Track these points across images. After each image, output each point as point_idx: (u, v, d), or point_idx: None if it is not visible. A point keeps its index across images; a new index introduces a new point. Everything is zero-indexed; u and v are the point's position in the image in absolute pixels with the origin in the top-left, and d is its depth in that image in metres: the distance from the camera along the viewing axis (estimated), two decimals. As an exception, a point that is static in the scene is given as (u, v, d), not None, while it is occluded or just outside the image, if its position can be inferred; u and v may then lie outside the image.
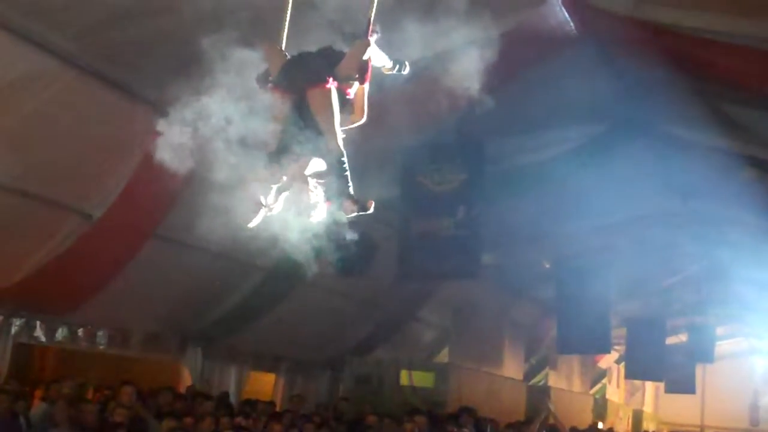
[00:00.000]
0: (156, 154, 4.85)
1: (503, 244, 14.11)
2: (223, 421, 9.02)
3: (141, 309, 10.72)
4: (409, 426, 10.30)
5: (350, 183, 4.34)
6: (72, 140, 8.05)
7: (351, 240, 5.04)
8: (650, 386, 28.09)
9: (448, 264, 11.22)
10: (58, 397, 8.71)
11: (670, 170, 12.43)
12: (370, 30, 4.63)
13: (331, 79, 4.41)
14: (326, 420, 10.87)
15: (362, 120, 4.78)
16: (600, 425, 19.01)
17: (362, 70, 4.59)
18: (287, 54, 4.70)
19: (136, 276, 9.65)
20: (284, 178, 4.36)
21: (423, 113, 9.16)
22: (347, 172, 4.33)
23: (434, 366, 15.16)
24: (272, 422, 9.59)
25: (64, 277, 9.07)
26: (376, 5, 4.68)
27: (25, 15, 6.79)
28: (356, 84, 4.58)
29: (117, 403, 8.60)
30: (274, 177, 4.35)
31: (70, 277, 9.16)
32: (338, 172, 4.32)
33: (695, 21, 7.84)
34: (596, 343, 17.72)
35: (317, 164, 4.36)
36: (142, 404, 9.13)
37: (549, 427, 12.10)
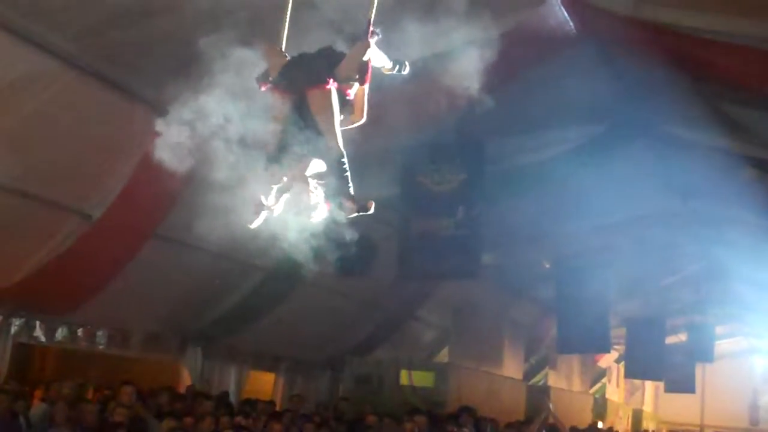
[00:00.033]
0: (156, 154, 4.86)
1: (503, 244, 14.10)
2: (223, 421, 9.02)
3: (141, 309, 10.71)
4: (409, 426, 10.29)
5: (350, 183, 4.34)
6: (72, 140, 8.04)
7: (351, 240, 5.04)
8: (650, 386, 28.09)
9: (448, 264, 11.22)
10: (58, 397, 8.72)
11: (670, 170, 12.43)
12: (370, 31, 4.63)
13: (331, 80, 4.41)
14: (326, 420, 10.87)
15: (362, 120, 4.78)
16: (600, 425, 19.02)
17: (362, 71, 4.59)
18: (287, 54, 4.71)
19: (136, 276, 9.65)
20: (284, 179, 4.36)
21: (423, 113, 9.15)
22: (347, 173, 4.33)
23: (434, 366, 15.16)
24: (272, 422, 9.59)
25: (64, 277, 9.07)
26: (376, 6, 4.68)
27: (25, 15, 6.78)
28: (356, 85, 4.58)
29: (117, 403, 8.61)
30: (275, 177, 4.35)
31: (70, 277, 9.16)
32: (338, 173, 4.32)
33: (695, 21, 7.83)
34: (596, 343, 17.72)
35: (317, 165, 4.36)
36: (142, 404, 9.14)
37: (549, 427, 12.10)
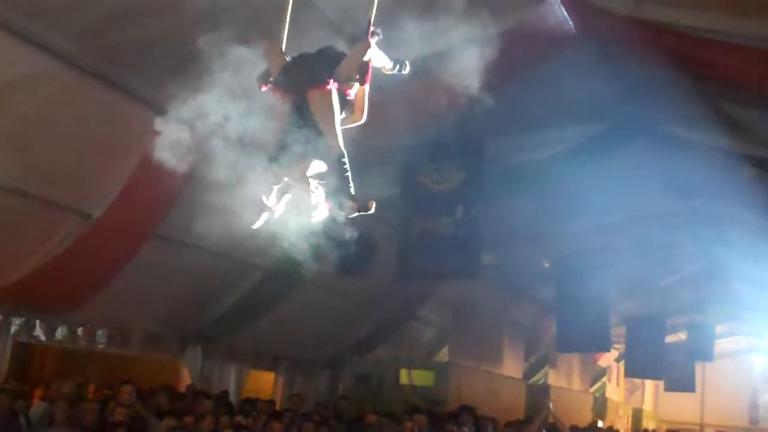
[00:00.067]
0: (155, 154, 4.86)
1: (503, 244, 14.10)
2: (223, 420, 9.02)
3: (141, 308, 10.71)
4: (409, 425, 10.29)
5: (351, 183, 4.34)
6: (71, 140, 8.04)
7: (350, 239, 5.04)
8: (650, 384, 28.10)
9: (448, 263, 11.22)
10: (58, 397, 8.72)
11: (670, 169, 12.42)
12: (371, 31, 4.62)
13: (332, 80, 4.41)
14: (326, 419, 10.87)
15: (362, 120, 4.78)
16: (600, 424, 19.00)
17: (362, 71, 4.58)
18: (287, 54, 4.70)
19: (136, 275, 9.65)
20: (285, 179, 4.35)
21: (422, 112, 9.15)
22: (348, 173, 4.33)
23: (434, 365, 15.16)
24: (272, 421, 9.59)
25: (64, 277, 9.07)
26: (376, 6, 4.67)
27: (25, 15, 6.78)
28: (357, 85, 4.58)
29: (117, 402, 8.61)
30: (275, 178, 4.35)
31: (70, 277, 9.16)
32: (339, 173, 4.32)
33: (695, 20, 7.83)
34: (596, 342, 17.73)
35: (318, 165, 4.36)
36: (142, 403, 9.14)
37: (549, 426, 12.07)
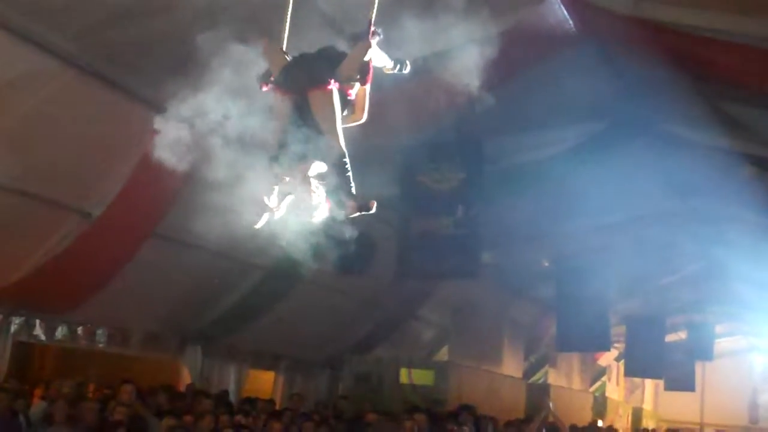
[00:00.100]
0: (155, 154, 4.85)
1: (503, 243, 14.10)
2: (223, 419, 9.02)
3: (140, 308, 10.71)
4: (409, 424, 10.28)
5: (352, 183, 4.34)
6: (71, 139, 8.04)
7: (350, 238, 5.03)
8: (650, 384, 28.11)
9: (448, 263, 11.22)
10: (58, 396, 8.72)
11: (670, 169, 12.42)
12: (371, 31, 4.62)
13: (333, 81, 4.40)
14: (326, 418, 10.87)
15: (363, 119, 4.77)
16: (599, 423, 19.00)
17: (363, 71, 4.57)
18: (288, 55, 4.69)
19: (136, 275, 9.65)
20: (286, 179, 4.35)
21: (422, 112, 9.15)
22: (349, 173, 4.32)
23: (434, 364, 15.15)
24: (272, 420, 9.60)
25: (64, 276, 9.07)
26: (377, 6, 4.66)
27: (25, 15, 6.77)
28: (357, 85, 4.57)
29: (117, 402, 8.60)
30: (276, 178, 4.35)
31: (70, 276, 9.16)
32: (340, 173, 4.31)
33: (695, 19, 7.83)
34: (596, 341, 17.75)
35: (319, 166, 4.35)
36: (142, 403, 9.13)
37: (549, 425, 12.07)
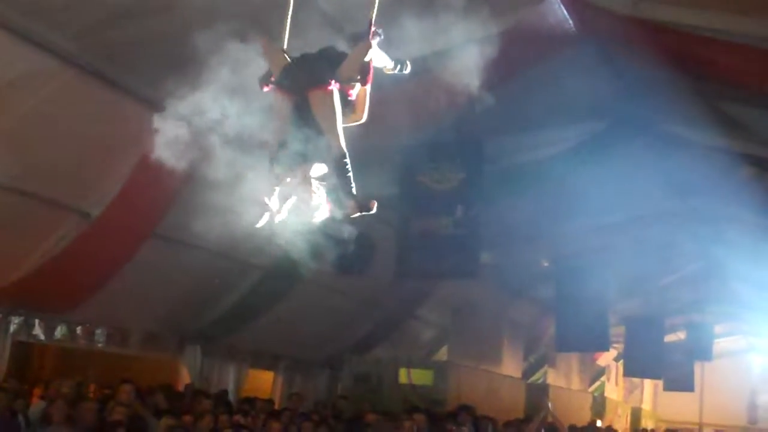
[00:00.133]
0: (155, 153, 4.85)
1: (502, 243, 14.10)
2: (222, 419, 9.02)
3: (140, 307, 10.71)
4: (408, 424, 10.27)
5: (353, 183, 4.33)
6: (71, 139, 8.04)
7: (349, 238, 5.03)
8: (649, 384, 28.12)
9: (447, 263, 11.21)
10: (57, 396, 8.70)
11: (670, 169, 12.42)
12: (372, 32, 4.61)
13: (333, 81, 4.40)
14: (325, 418, 10.86)
15: (363, 119, 4.77)
16: (598, 423, 19.00)
17: (364, 72, 4.57)
18: (289, 55, 4.68)
19: (135, 274, 9.64)
20: (287, 180, 4.35)
21: (422, 111, 9.15)
22: (350, 173, 4.31)
23: (433, 364, 15.14)
24: (271, 420, 9.59)
25: (63, 276, 9.06)
26: (377, 6, 4.65)
27: (25, 14, 6.77)
28: (358, 85, 4.57)
29: (116, 402, 8.59)
30: (277, 179, 4.34)
31: (69, 276, 9.15)
32: (340, 173, 4.30)
33: (695, 19, 7.84)
34: (595, 341, 17.75)
35: (320, 166, 4.35)
36: (141, 402, 9.12)
37: (548, 425, 12.07)
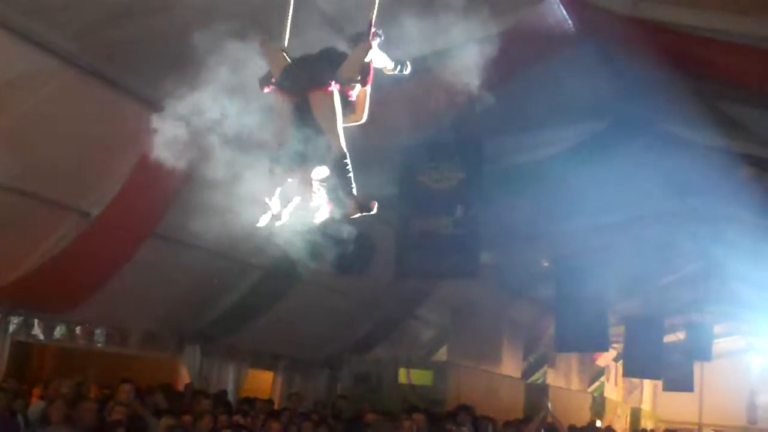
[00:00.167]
0: (154, 153, 4.85)
1: (502, 243, 14.10)
2: (222, 419, 9.02)
3: (139, 307, 10.71)
4: (408, 424, 10.26)
5: (353, 184, 4.33)
6: (71, 139, 8.03)
7: (349, 238, 5.03)
8: (648, 384, 28.13)
9: (447, 263, 11.21)
10: (57, 396, 8.70)
11: (669, 169, 12.43)
12: (372, 33, 4.61)
13: (334, 82, 4.39)
14: (324, 418, 10.86)
15: (363, 120, 4.76)
16: (598, 423, 18.99)
17: (364, 73, 4.57)
18: (289, 56, 4.68)
19: (135, 274, 9.64)
20: (288, 180, 4.35)
21: (422, 111, 9.15)
22: (350, 174, 4.31)
23: (433, 364, 15.14)
24: (270, 420, 9.58)
25: (63, 276, 9.06)
26: (377, 7, 4.65)
27: (24, 14, 6.77)
28: (358, 86, 4.57)
29: (116, 402, 8.59)
30: (278, 179, 4.34)
31: (69, 276, 9.15)
32: (341, 174, 4.30)
33: (694, 19, 7.84)
34: (594, 341, 17.75)
35: (321, 167, 4.35)
36: (141, 402, 9.12)
37: (547, 426, 12.07)
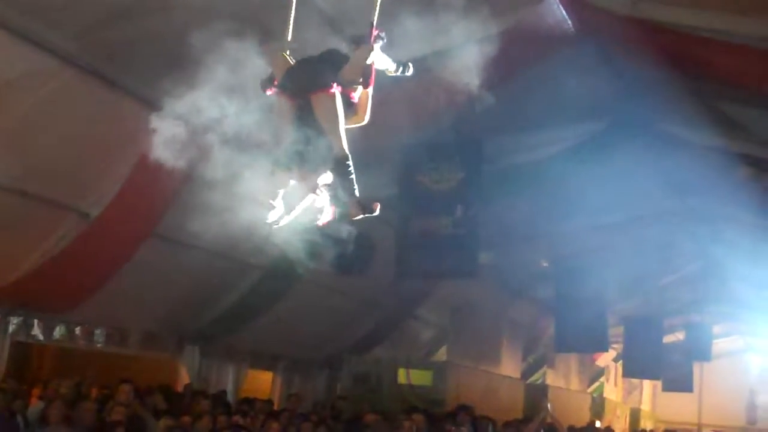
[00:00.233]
0: (154, 154, 4.86)
1: (501, 243, 14.10)
2: (221, 420, 9.02)
3: (139, 307, 10.70)
4: (407, 424, 10.25)
5: (356, 186, 4.32)
6: (70, 139, 8.03)
7: (349, 238, 5.03)
8: (648, 384, 28.14)
9: (447, 263, 11.21)
10: (56, 396, 8.70)
11: (669, 169, 12.44)
12: (374, 35, 4.61)
13: (336, 84, 4.39)
14: (324, 419, 10.86)
15: (364, 122, 4.76)
16: (597, 424, 18.99)
17: (366, 75, 4.57)
18: (291, 58, 4.68)
19: (134, 275, 9.63)
20: (291, 182, 4.35)
21: (421, 111, 9.16)
22: (352, 175, 4.31)
23: (432, 364, 15.15)
24: (270, 421, 9.59)
25: (62, 276, 9.05)
26: (379, 9, 4.65)
27: (24, 14, 6.76)
28: (360, 88, 4.57)
29: (115, 402, 8.59)
30: (281, 181, 4.35)
31: (68, 276, 9.14)
32: (343, 176, 4.30)
33: (693, 19, 7.85)
34: (594, 342, 17.76)
35: (323, 169, 4.34)
36: (140, 403, 9.12)
37: (547, 426, 12.05)
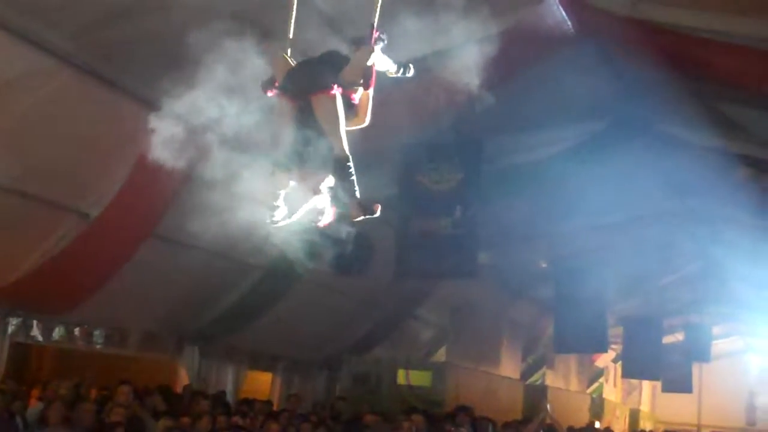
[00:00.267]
0: (153, 154, 4.85)
1: (501, 244, 14.11)
2: (220, 420, 9.02)
3: (138, 308, 10.69)
4: (406, 425, 10.25)
5: (356, 187, 4.32)
6: (69, 139, 8.02)
7: (348, 239, 5.02)
8: (647, 385, 28.15)
9: (446, 263, 11.21)
10: (55, 397, 8.69)
11: (668, 169, 12.44)
12: (374, 37, 4.60)
13: (336, 85, 4.38)
14: (323, 419, 10.86)
15: (365, 123, 4.76)
16: (597, 424, 19.00)
17: (367, 76, 4.56)
18: (292, 59, 4.67)
19: (134, 275, 9.63)
20: (291, 183, 4.34)
21: (421, 112, 9.15)
22: (353, 177, 4.30)
23: (432, 365, 15.16)
24: (269, 421, 9.59)
25: (62, 277, 9.05)
26: (379, 10, 4.64)
27: (22, 14, 6.76)
28: (361, 89, 4.56)
29: (114, 403, 8.59)
30: (281, 182, 4.34)
31: (68, 277, 9.14)
32: (344, 177, 4.29)
33: (693, 20, 7.85)
34: (593, 342, 17.75)
35: (324, 171, 4.34)
36: (140, 403, 9.12)
37: (546, 427, 12.06)
